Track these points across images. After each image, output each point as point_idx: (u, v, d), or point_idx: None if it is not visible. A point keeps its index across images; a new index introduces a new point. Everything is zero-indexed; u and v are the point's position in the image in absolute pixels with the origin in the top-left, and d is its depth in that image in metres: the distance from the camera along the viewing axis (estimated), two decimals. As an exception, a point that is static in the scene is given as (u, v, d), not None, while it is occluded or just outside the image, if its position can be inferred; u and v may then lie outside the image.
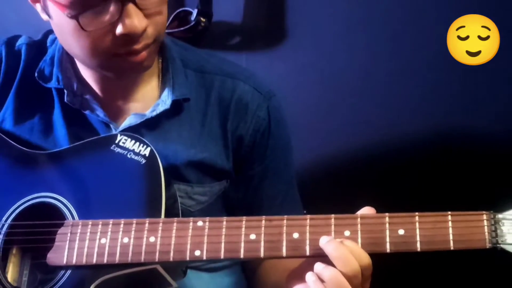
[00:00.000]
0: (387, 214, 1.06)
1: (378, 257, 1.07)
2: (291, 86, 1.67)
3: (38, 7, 1.20)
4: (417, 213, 1.05)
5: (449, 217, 1.03)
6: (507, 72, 1.81)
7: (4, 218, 1.19)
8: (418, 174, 1.77)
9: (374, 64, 1.84)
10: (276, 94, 1.36)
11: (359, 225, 1.06)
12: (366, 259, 1.02)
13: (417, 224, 1.04)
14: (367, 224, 1.06)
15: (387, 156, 1.82)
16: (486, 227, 1.02)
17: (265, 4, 1.80)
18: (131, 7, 1.09)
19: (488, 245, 1.02)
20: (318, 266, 1.01)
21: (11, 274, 1.19)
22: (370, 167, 1.79)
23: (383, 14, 1.82)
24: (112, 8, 1.09)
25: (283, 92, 1.41)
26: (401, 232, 1.04)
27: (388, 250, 1.04)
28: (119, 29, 1.10)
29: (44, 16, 1.20)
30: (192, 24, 1.71)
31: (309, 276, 1.03)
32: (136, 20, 1.10)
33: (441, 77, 1.86)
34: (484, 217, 1.03)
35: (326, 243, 1.02)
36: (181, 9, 1.74)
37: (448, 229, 1.03)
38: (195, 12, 1.70)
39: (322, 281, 1.04)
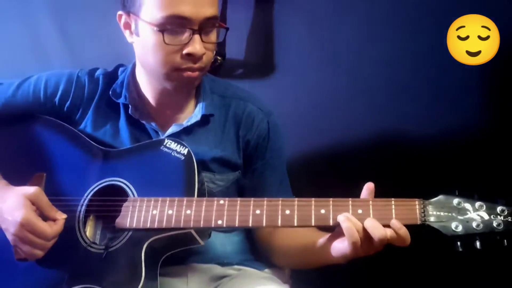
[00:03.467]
0: (350, 199, 1.23)
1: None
2: (280, 104, 1.79)
3: (127, 32, 1.40)
4: (370, 199, 1.23)
5: (393, 202, 1.21)
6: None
7: (85, 195, 1.37)
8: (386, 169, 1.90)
9: (367, 68, 1.93)
10: (274, 112, 1.54)
11: (331, 206, 1.22)
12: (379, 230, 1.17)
13: (370, 206, 1.21)
14: (337, 205, 1.22)
15: (360, 155, 1.93)
16: (417, 210, 1.19)
17: (260, 47, 2.02)
18: (197, 37, 1.30)
19: (419, 222, 1.19)
20: (341, 217, 1.18)
21: (88, 233, 1.36)
22: (342, 164, 1.93)
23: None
24: (186, 34, 1.31)
25: (273, 108, 1.55)
26: (360, 211, 1.21)
27: None
28: (186, 50, 1.31)
29: (130, 39, 1.40)
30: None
31: (340, 217, 1.18)
32: (198, 46, 1.31)
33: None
34: (417, 202, 1.20)
35: (343, 219, 1.18)
36: (204, 51, 1.94)
37: (392, 210, 1.20)
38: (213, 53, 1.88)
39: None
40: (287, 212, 1.24)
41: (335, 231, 1.26)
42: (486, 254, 1.21)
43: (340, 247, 1.23)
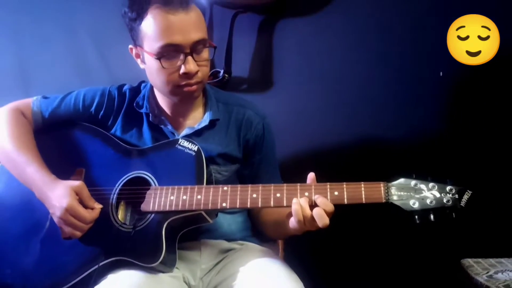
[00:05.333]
0: (328, 183, 1.37)
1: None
2: (277, 113, 1.93)
3: (138, 60, 1.54)
4: (344, 183, 1.36)
5: (362, 185, 1.35)
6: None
7: (117, 185, 1.50)
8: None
9: (368, 71, 1.99)
10: (267, 116, 1.67)
11: (313, 190, 1.36)
12: (308, 212, 1.33)
13: (345, 189, 1.35)
14: (317, 189, 1.36)
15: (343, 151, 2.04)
16: (382, 190, 1.33)
17: (261, 66, 2.15)
18: (190, 58, 1.43)
19: (383, 201, 1.32)
20: (294, 200, 1.33)
21: (120, 216, 1.49)
22: (325, 159, 2.07)
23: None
24: (180, 57, 1.43)
25: (272, 117, 1.68)
26: (336, 193, 1.35)
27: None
28: (182, 69, 1.43)
29: (141, 66, 1.53)
30: (220, 78, 2.09)
31: (294, 199, 1.33)
32: (192, 66, 1.43)
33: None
34: (382, 185, 1.34)
35: (294, 202, 1.35)
36: (214, 69, 2.10)
37: (362, 192, 1.34)
38: (222, 71, 2.09)
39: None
40: (278, 195, 1.39)
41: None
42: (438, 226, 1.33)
43: (292, 221, 1.38)
